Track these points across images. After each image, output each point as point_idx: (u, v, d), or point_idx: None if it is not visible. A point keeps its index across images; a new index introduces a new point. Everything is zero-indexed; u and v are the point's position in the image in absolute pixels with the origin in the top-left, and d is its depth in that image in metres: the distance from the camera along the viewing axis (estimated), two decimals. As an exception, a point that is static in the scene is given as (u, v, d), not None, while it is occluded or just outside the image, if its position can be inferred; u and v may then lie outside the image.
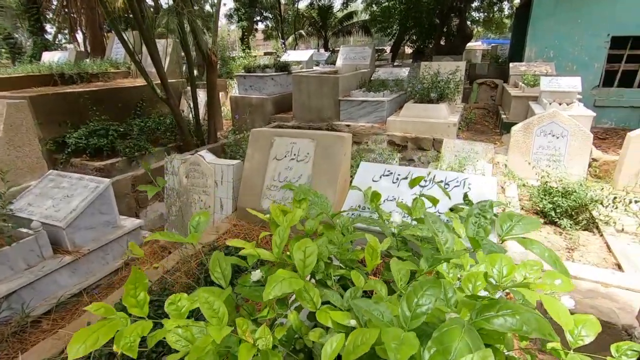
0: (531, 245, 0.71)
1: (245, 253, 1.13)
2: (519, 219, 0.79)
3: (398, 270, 0.89)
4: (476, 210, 0.86)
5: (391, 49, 18.87)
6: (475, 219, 0.84)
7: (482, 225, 0.81)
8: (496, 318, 0.69)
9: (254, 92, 8.01)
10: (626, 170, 4.54)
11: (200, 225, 1.15)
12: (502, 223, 0.79)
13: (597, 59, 7.55)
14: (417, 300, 0.65)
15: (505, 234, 0.77)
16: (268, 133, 3.11)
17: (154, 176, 2.36)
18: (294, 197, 1.44)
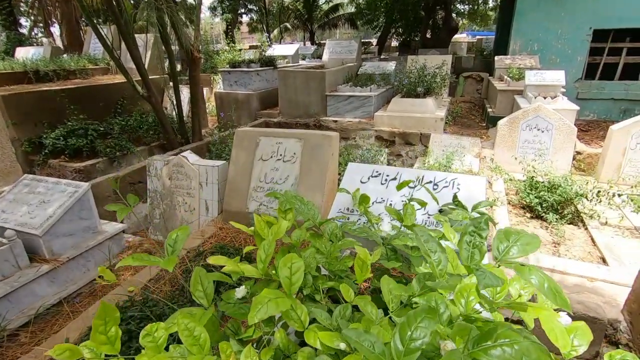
0: (529, 273, 0.67)
1: (228, 270, 1.07)
2: (517, 238, 0.75)
3: (389, 291, 0.84)
4: (471, 227, 0.81)
5: (377, 42, 18.78)
6: (470, 237, 0.80)
7: (477, 244, 0.77)
8: (493, 348, 0.65)
9: (239, 87, 7.86)
10: (609, 163, 4.62)
11: (177, 243, 1.08)
12: (498, 244, 0.75)
13: (579, 52, 7.64)
14: (411, 334, 0.61)
15: (503, 255, 0.73)
16: (253, 133, 3.03)
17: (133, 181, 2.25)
18: (279, 206, 1.38)
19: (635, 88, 7.48)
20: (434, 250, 0.80)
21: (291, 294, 1.03)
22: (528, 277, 0.67)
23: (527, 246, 0.74)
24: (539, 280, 0.66)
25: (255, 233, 1.23)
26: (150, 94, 5.22)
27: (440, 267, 0.77)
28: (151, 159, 3.51)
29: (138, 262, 0.99)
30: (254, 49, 15.88)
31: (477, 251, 0.77)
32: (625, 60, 7.58)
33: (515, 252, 0.74)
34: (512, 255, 0.73)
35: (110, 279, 1.02)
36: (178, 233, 1.10)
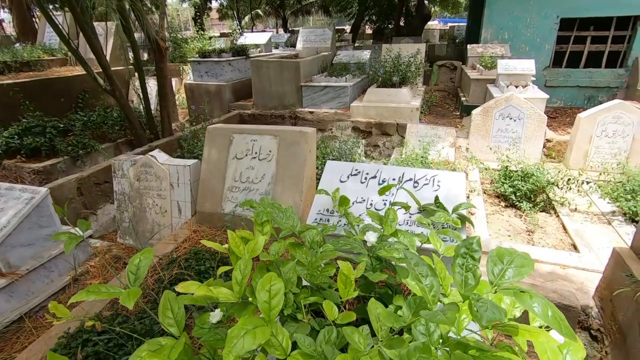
0: (532, 301, 0.62)
1: (200, 296, 0.97)
2: (511, 259, 0.70)
3: (377, 317, 0.78)
4: (462, 249, 0.76)
5: (351, 29, 18.59)
6: (462, 259, 0.74)
7: (470, 267, 0.72)
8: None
9: (210, 78, 7.55)
10: (577, 150, 4.78)
11: (140, 270, 0.97)
12: (492, 267, 0.70)
13: (547, 40, 7.83)
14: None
15: (498, 279, 0.68)
16: (226, 130, 2.88)
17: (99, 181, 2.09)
18: (255, 218, 1.28)
19: (598, 75, 7.77)
20: (425, 275, 0.74)
21: (271, 319, 0.95)
22: (530, 304, 0.62)
23: (522, 269, 0.70)
24: (542, 308, 0.61)
25: (230, 251, 1.14)
26: (114, 87, 4.90)
27: (432, 293, 0.72)
28: (116, 158, 3.30)
29: (94, 296, 0.88)
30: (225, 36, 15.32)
31: (471, 275, 0.71)
32: (589, 49, 7.84)
33: (511, 275, 0.69)
34: (507, 279, 0.69)
35: (65, 315, 0.90)
36: (141, 258, 0.99)
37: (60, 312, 0.88)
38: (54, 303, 0.89)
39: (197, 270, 2.21)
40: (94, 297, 0.87)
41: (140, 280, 0.95)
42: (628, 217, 3.48)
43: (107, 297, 0.90)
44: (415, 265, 0.78)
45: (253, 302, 1.02)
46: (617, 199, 3.60)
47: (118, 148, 5.58)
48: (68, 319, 0.90)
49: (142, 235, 3.23)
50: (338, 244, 1.26)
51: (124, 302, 0.85)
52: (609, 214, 3.62)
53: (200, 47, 10.87)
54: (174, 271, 2.24)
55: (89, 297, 0.87)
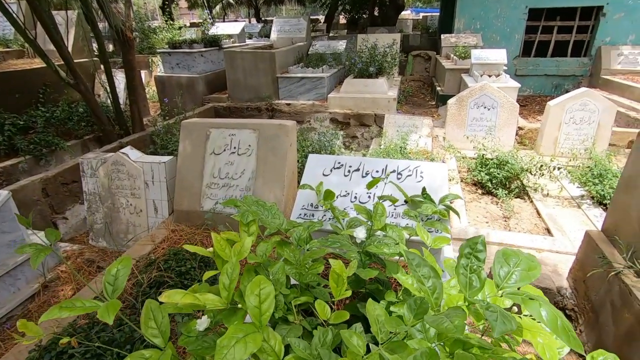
0: (539, 308, 0.61)
1: (185, 305, 0.91)
2: (517, 262, 0.69)
3: (376, 319, 0.75)
4: (466, 249, 0.74)
5: (325, 19, 18.39)
6: (466, 260, 0.73)
7: (475, 269, 0.70)
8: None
9: (182, 70, 7.27)
10: (547, 137, 4.95)
11: (119, 280, 0.90)
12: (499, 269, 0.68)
13: (517, 30, 8.03)
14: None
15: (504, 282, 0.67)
16: (202, 125, 2.77)
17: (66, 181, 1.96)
18: (240, 218, 1.23)
19: (564, 64, 8.07)
20: (427, 277, 0.72)
21: (262, 324, 0.91)
22: (539, 312, 0.61)
23: (530, 272, 0.69)
24: (550, 317, 0.60)
25: (215, 255, 1.08)
26: (78, 81, 4.61)
27: (435, 295, 0.70)
28: (84, 157, 3.11)
29: (68, 312, 0.80)
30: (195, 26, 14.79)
31: (476, 277, 0.70)
32: (556, 38, 8.11)
33: (517, 279, 0.68)
34: (513, 282, 0.67)
35: (36, 334, 0.81)
36: (118, 267, 0.92)
37: (30, 331, 0.80)
38: (23, 321, 0.81)
39: (177, 272, 2.13)
40: (68, 314, 0.80)
41: (119, 291, 0.89)
42: (596, 200, 3.64)
43: (83, 312, 0.82)
44: (417, 267, 0.75)
45: (242, 308, 0.97)
46: (586, 184, 3.76)
47: (85, 145, 5.29)
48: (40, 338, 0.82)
49: (116, 237, 3.08)
50: (327, 242, 1.23)
51: (103, 317, 0.79)
52: (578, 198, 3.78)
53: (170, 37, 10.45)
54: (153, 274, 2.14)
55: (63, 314, 0.79)
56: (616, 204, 2.33)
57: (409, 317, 0.72)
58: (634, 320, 1.91)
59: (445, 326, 0.59)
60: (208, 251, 1.11)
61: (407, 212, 1.61)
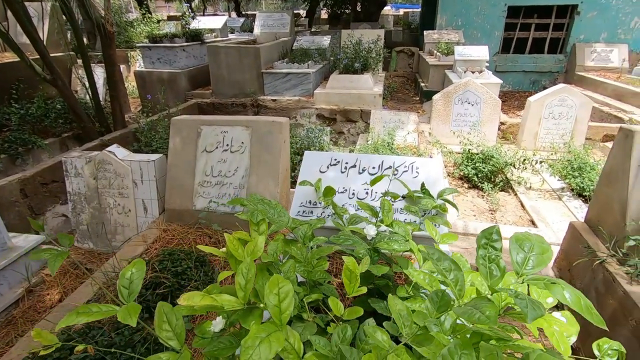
0: (563, 291, 0.64)
1: (204, 307, 0.90)
2: (531, 246, 0.72)
3: (398, 313, 0.77)
4: (483, 240, 0.77)
5: (307, 14, 18.26)
6: (484, 250, 0.75)
7: (493, 259, 0.73)
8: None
9: (163, 65, 7.07)
10: (528, 131, 5.12)
11: (134, 283, 0.87)
12: (515, 255, 0.71)
13: (497, 27, 8.23)
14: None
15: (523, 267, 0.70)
16: (193, 122, 2.71)
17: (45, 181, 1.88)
18: (250, 218, 1.22)
19: (541, 61, 8.34)
20: (448, 269, 0.74)
21: (282, 324, 0.91)
22: (563, 295, 0.64)
23: (543, 255, 0.72)
24: (574, 298, 0.64)
25: (229, 255, 1.07)
26: (55, 76, 4.42)
27: (458, 287, 0.72)
28: (67, 156, 3.00)
29: (86, 318, 0.78)
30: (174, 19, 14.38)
31: (495, 266, 0.72)
32: (533, 35, 8.36)
33: (534, 264, 0.71)
34: (530, 268, 0.70)
35: (52, 342, 0.78)
36: (133, 270, 0.89)
37: (45, 339, 0.77)
38: (37, 330, 0.77)
39: (173, 273, 2.09)
40: (86, 319, 0.77)
41: (135, 294, 0.86)
42: (575, 192, 3.80)
43: (101, 317, 0.80)
44: (437, 260, 0.77)
45: (260, 307, 0.97)
46: (566, 177, 3.92)
47: (64, 143, 5.09)
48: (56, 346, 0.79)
49: (104, 238, 2.99)
50: (340, 240, 1.23)
51: (125, 320, 0.77)
52: (558, 190, 3.94)
53: (149, 31, 10.13)
54: (148, 274, 2.10)
55: (80, 320, 0.77)
56: (598, 196, 2.44)
57: (432, 310, 0.74)
58: (618, 305, 2.01)
59: (478, 317, 0.61)
60: (221, 251, 1.10)
61: (408, 208, 1.64)
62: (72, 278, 2.81)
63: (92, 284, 2.08)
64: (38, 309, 2.58)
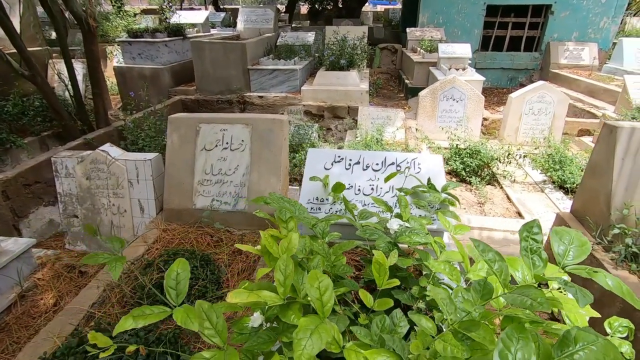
0: (605, 278, 0.70)
1: (249, 303, 0.93)
2: (570, 239, 0.79)
3: (442, 302, 0.82)
4: (524, 233, 0.83)
5: (286, 9, 18.11)
6: (526, 242, 0.81)
7: (535, 250, 0.79)
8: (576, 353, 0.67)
9: (144, 61, 6.87)
10: (509, 127, 5.33)
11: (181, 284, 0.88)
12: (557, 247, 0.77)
13: (476, 25, 8.46)
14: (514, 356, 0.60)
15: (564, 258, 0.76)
16: (191, 120, 2.68)
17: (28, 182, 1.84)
18: (279, 215, 1.24)
19: (518, 59, 8.65)
20: (493, 260, 0.80)
21: (325, 317, 0.95)
22: (605, 281, 0.71)
23: (582, 247, 0.78)
24: (616, 283, 0.70)
25: (264, 252, 1.09)
26: (34, 72, 4.23)
27: (503, 277, 0.77)
28: (57, 156, 2.90)
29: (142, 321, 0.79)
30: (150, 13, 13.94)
31: (538, 257, 0.78)
32: (510, 34, 8.66)
33: (574, 255, 0.77)
34: (571, 259, 0.77)
35: (107, 344, 0.78)
36: (178, 270, 0.91)
37: (101, 342, 0.78)
38: (93, 333, 0.78)
39: (180, 272, 2.07)
40: (143, 322, 0.78)
41: (183, 295, 0.88)
42: (557, 184, 4.01)
43: (156, 319, 0.81)
44: (482, 252, 0.83)
45: (299, 302, 1.00)
46: (548, 170, 4.12)
47: (44, 142, 4.89)
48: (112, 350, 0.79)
49: (98, 239, 2.92)
50: (366, 233, 1.28)
51: (186, 325, 0.78)
52: (541, 183, 4.14)
53: (125, 25, 9.80)
54: (154, 275, 2.08)
55: (139, 323, 0.78)
56: (584, 188, 2.60)
57: (477, 298, 0.80)
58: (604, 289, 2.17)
59: (530, 303, 0.67)
60: (256, 249, 1.12)
61: (417, 202, 1.71)
62: (66, 281, 2.73)
63: (97, 286, 2.04)
64: (33, 314, 2.49)
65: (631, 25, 11.83)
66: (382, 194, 2.10)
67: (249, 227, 2.64)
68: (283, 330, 1.03)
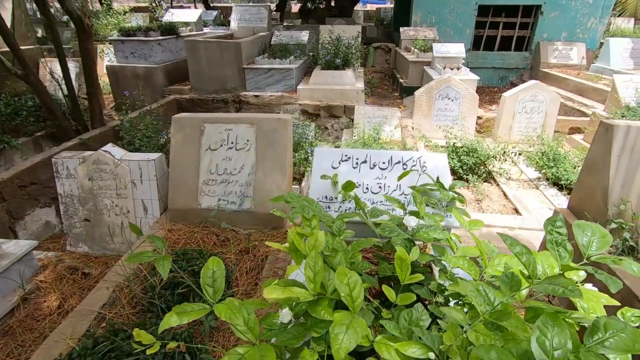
0: (631, 265, 0.75)
1: (282, 299, 0.95)
2: (592, 231, 0.84)
3: (472, 293, 0.86)
4: (549, 227, 0.87)
5: (277, 7, 18.06)
6: (551, 236, 0.85)
7: (560, 242, 0.83)
8: (607, 340, 0.71)
9: (137, 60, 6.79)
10: (503, 125, 5.43)
11: (217, 281, 0.90)
12: (581, 238, 0.82)
13: (468, 25, 8.58)
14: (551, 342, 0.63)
15: (588, 250, 0.81)
16: (196, 120, 2.68)
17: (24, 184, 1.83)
18: (303, 213, 1.26)
19: (509, 58, 8.80)
20: (521, 253, 0.84)
21: (355, 311, 0.97)
22: (631, 267, 0.75)
23: (604, 239, 0.83)
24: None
25: (291, 249, 1.11)
26: (27, 72, 4.16)
27: (531, 268, 0.81)
28: (58, 156, 2.87)
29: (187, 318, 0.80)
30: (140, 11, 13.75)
31: (563, 249, 0.83)
32: (501, 34, 8.80)
33: (597, 246, 0.82)
34: (595, 250, 0.81)
35: (150, 341, 0.80)
36: (213, 268, 0.92)
37: (145, 339, 0.79)
38: (137, 331, 0.79)
39: (190, 272, 2.08)
40: (187, 319, 0.80)
41: (221, 292, 0.89)
42: (551, 181, 4.11)
43: (197, 315, 0.83)
44: (511, 245, 0.87)
45: (328, 297, 1.02)
46: (542, 167, 4.22)
47: (37, 143, 4.81)
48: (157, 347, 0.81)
49: (101, 240, 2.90)
50: (386, 231, 1.31)
51: (232, 320, 0.80)
52: (535, 180, 4.24)
53: (116, 23, 9.65)
54: (164, 276, 2.07)
55: (183, 320, 0.79)
56: (581, 185, 2.68)
57: (506, 290, 0.83)
58: (603, 283, 2.25)
59: (562, 291, 0.71)
60: (284, 246, 1.14)
61: (428, 200, 1.75)
62: (69, 283, 2.71)
63: (107, 287, 2.03)
64: (36, 317, 2.47)
65: (616, 25, 12.15)
66: (389, 192, 2.14)
67: (255, 226, 2.65)
68: (312, 326, 1.06)
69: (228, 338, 1.83)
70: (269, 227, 2.63)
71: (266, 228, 2.63)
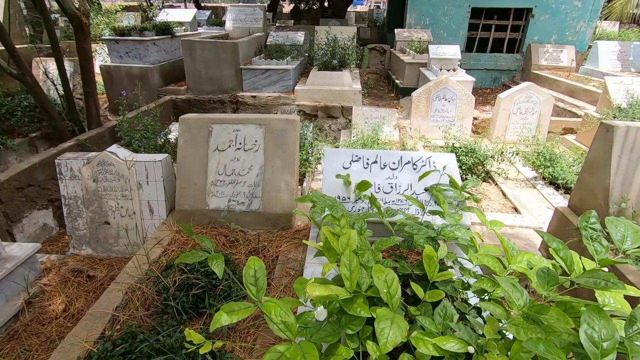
0: None
1: (323, 297, 0.96)
2: (625, 227, 0.87)
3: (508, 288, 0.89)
4: (583, 223, 0.90)
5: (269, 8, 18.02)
6: (586, 232, 0.89)
7: (595, 238, 0.87)
8: (646, 330, 0.75)
9: (132, 60, 6.71)
10: (498, 126, 5.53)
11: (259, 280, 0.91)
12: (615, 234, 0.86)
13: (461, 27, 8.71)
14: (600, 334, 0.67)
15: (623, 244, 0.84)
16: (203, 120, 2.68)
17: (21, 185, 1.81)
18: (332, 212, 1.28)
19: (501, 60, 8.96)
20: (558, 249, 0.87)
21: (393, 307, 1.00)
22: None
23: (636, 234, 0.87)
24: None
25: (325, 248, 1.13)
26: (23, 71, 4.08)
27: (569, 263, 0.85)
28: (62, 157, 2.82)
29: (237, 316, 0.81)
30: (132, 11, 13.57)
31: (599, 244, 0.86)
32: (494, 36, 8.95)
33: (632, 240, 0.86)
34: (630, 244, 0.85)
35: (200, 341, 0.80)
36: (255, 268, 0.93)
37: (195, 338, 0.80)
38: (188, 331, 0.79)
39: (204, 273, 2.08)
40: (237, 318, 0.81)
41: (264, 290, 0.91)
42: (547, 180, 4.21)
43: (245, 314, 0.84)
44: (548, 241, 0.90)
45: (362, 294, 1.04)
46: (539, 167, 4.31)
47: (32, 144, 4.71)
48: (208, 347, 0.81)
49: (105, 242, 2.87)
50: (413, 230, 1.34)
51: (282, 318, 0.81)
52: (532, 180, 4.33)
53: (108, 22, 9.52)
54: (176, 277, 2.07)
55: (233, 319, 0.80)
56: (581, 184, 2.76)
57: (543, 284, 0.87)
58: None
59: (605, 284, 0.75)
60: (318, 245, 1.16)
61: (444, 199, 1.78)
62: (74, 286, 2.67)
63: (119, 289, 2.02)
64: (42, 321, 2.43)
65: (602, 29, 12.46)
66: (401, 192, 2.17)
67: (263, 226, 2.66)
68: (346, 323, 1.08)
69: (245, 338, 1.84)
70: (278, 228, 2.64)
71: (275, 228, 2.64)
